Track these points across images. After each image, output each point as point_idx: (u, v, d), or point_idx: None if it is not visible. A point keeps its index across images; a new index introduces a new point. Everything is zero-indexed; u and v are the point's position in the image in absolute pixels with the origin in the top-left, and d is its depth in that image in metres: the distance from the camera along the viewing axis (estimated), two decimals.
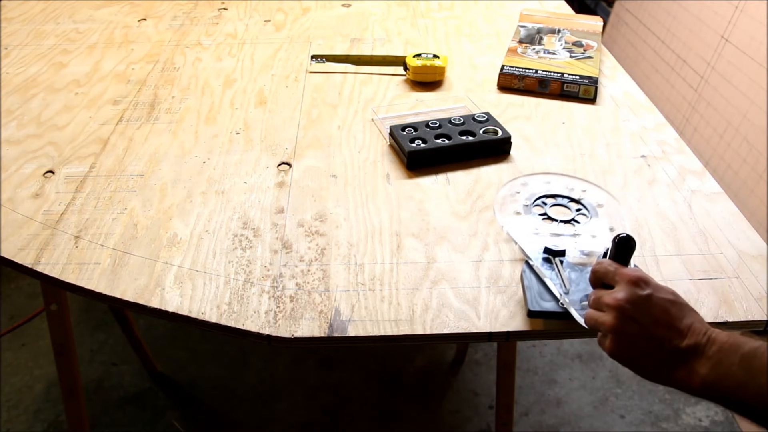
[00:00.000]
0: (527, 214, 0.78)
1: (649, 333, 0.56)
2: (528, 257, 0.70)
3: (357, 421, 1.49)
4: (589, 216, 0.77)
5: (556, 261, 0.69)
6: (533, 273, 0.69)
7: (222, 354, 1.66)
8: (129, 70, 1.18)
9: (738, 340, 0.53)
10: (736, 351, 0.52)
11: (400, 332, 0.66)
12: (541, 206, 0.79)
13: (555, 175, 0.85)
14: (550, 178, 0.84)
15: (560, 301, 0.65)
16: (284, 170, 0.91)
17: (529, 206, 0.79)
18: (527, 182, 0.84)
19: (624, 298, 0.57)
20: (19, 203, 0.85)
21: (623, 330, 0.57)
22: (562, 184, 0.84)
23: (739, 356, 0.52)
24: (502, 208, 0.79)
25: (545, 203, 0.80)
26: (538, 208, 0.79)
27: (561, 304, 0.65)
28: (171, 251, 0.76)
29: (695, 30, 1.81)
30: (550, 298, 0.66)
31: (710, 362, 0.53)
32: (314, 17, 1.42)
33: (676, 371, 0.55)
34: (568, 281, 0.66)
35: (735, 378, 0.51)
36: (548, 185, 0.83)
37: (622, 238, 0.61)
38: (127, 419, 1.49)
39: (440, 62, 1.12)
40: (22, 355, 1.64)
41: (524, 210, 0.78)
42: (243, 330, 0.67)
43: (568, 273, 0.67)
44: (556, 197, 0.81)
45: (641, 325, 0.56)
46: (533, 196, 0.81)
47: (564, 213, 0.78)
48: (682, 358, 0.55)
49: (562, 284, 0.66)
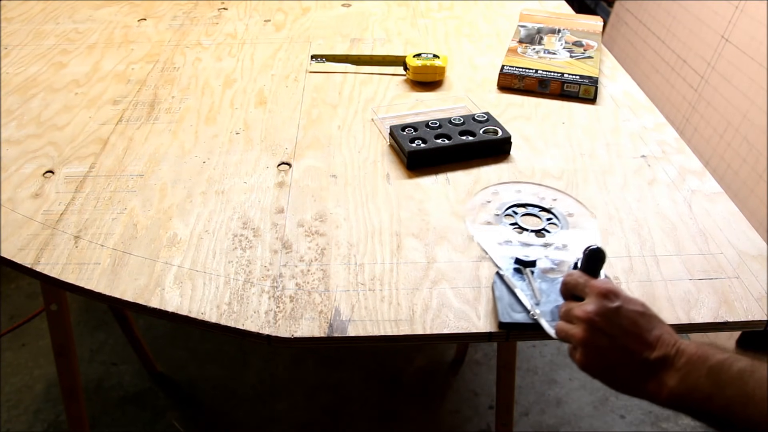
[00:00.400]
0: (498, 223, 0.77)
1: (619, 345, 0.56)
2: (499, 268, 0.70)
3: (357, 421, 1.49)
4: (560, 225, 0.77)
5: (527, 271, 0.68)
6: (504, 284, 0.68)
7: (222, 354, 1.66)
8: (129, 70, 1.18)
9: (706, 352, 0.53)
10: (704, 363, 0.52)
11: (400, 332, 0.66)
12: (512, 215, 0.79)
13: (526, 184, 0.84)
14: (521, 187, 0.84)
15: (531, 312, 0.65)
16: (284, 170, 0.91)
17: (500, 216, 0.78)
18: (498, 191, 0.83)
19: (593, 310, 0.57)
20: (19, 203, 0.85)
21: (593, 342, 0.57)
22: (532, 192, 0.83)
23: (706, 368, 0.52)
24: (473, 217, 0.78)
25: (516, 212, 0.79)
26: (509, 217, 0.79)
27: (532, 316, 0.64)
28: (171, 251, 0.76)
29: (695, 30, 1.81)
30: (521, 309, 0.65)
31: (679, 374, 0.53)
32: (314, 17, 1.42)
33: (646, 383, 0.55)
34: (539, 292, 0.66)
35: (702, 390, 0.51)
36: (519, 194, 0.83)
37: (593, 249, 0.61)
38: (127, 419, 1.49)
39: (440, 62, 1.12)
40: (22, 355, 1.64)
41: (495, 219, 0.78)
42: (243, 330, 0.67)
43: (539, 284, 0.67)
44: (527, 206, 0.80)
45: (611, 338, 0.56)
46: (504, 205, 0.80)
47: (535, 222, 0.78)
48: (651, 369, 0.55)
49: (532, 295, 0.66)
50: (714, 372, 0.51)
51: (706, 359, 0.52)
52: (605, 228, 0.79)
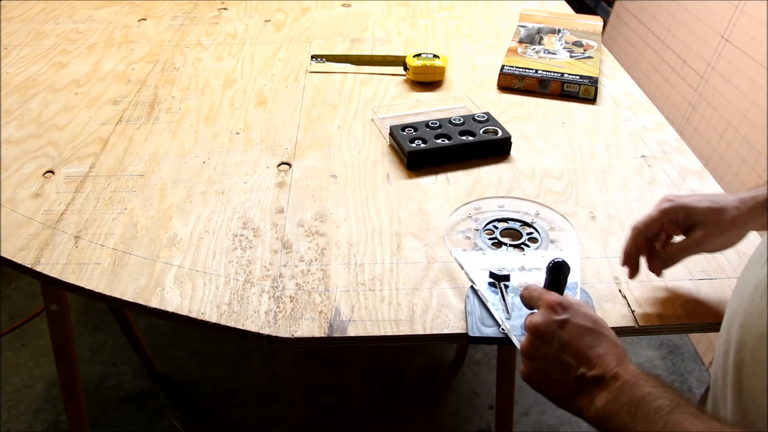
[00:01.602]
0: (477, 238, 0.76)
1: (559, 359, 0.55)
2: (472, 282, 0.69)
3: (357, 421, 1.49)
4: (540, 239, 0.76)
5: (501, 286, 0.68)
6: (477, 298, 0.68)
7: (222, 354, 1.66)
8: (129, 70, 1.18)
9: (638, 381, 0.50)
10: (631, 391, 0.50)
11: (400, 332, 0.66)
12: (492, 230, 0.78)
13: (509, 199, 0.84)
14: (504, 202, 0.83)
15: (501, 326, 0.64)
16: (284, 170, 0.91)
17: (480, 231, 0.77)
18: (480, 206, 0.82)
19: (538, 321, 0.56)
20: (19, 203, 0.85)
21: (534, 353, 0.56)
22: (515, 207, 0.82)
23: (630, 397, 0.50)
24: (451, 232, 0.77)
25: (496, 227, 0.78)
26: (489, 232, 0.77)
27: (501, 330, 0.64)
28: (171, 251, 0.76)
29: (695, 30, 1.81)
30: (492, 323, 0.65)
31: (608, 396, 0.51)
32: (314, 17, 1.42)
33: (578, 399, 0.53)
34: (511, 306, 0.66)
35: (620, 418, 0.50)
36: (501, 209, 0.81)
37: (556, 262, 0.60)
38: (127, 419, 1.49)
39: (440, 62, 1.12)
40: (22, 355, 1.64)
41: (474, 234, 0.77)
42: (243, 330, 0.67)
43: (512, 298, 0.67)
44: (507, 221, 0.79)
45: (551, 350, 0.55)
46: (485, 219, 0.79)
47: (515, 237, 0.77)
48: (586, 387, 0.53)
49: (504, 309, 0.66)
50: (634, 403, 0.49)
51: (633, 388, 0.50)
52: (605, 228, 0.79)
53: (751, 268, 0.52)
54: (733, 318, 0.52)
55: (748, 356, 0.49)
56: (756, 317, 0.48)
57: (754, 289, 0.49)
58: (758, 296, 0.48)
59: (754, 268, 0.51)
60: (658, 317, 0.67)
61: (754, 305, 0.48)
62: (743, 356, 0.49)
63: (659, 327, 0.67)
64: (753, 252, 0.53)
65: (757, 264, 0.50)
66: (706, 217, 0.64)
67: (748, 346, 0.49)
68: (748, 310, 0.49)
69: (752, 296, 0.49)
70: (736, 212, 0.63)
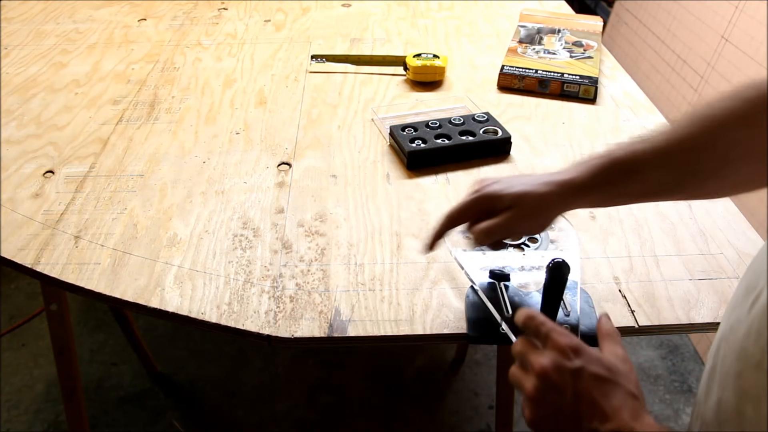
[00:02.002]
0: None
1: (571, 409, 0.51)
2: (472, 282, 0.69)
3: (357, 421, 1.49)
4: (540, 239, 0.76)
5: (501, 285, 0.68)
6: (477, 297, 0.68)
7: (222, 354, 1.66)
8: (129, 70, 1.18)
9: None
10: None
11: (400, 332, 0.66)
12: None
13: None
14: None
15: (500, 326, 0.64)
16: (284, 170, 0.91)
17: None
18: None
19: (549, 365, 0.52)
20: (19, 203, 0.85)
21: (542, 400, 0.52)
22: None
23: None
24: (451, 232, 0.77)
25: None
26: None
27: (501, 330, 0.64)
28: (171, 251, 0.76)
29: (695, 30, 1.81)
30: (491, 323, 0.65)
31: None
32: (314, 17, 1.42)
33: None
34: (511, 306, 0.66)
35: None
36: None
37: (556, 263, 0.59)
38: (127, 419, 1.49)
39: (440, 62, 1.12)
40: (22, 355, 1.64)
41: None
42: (243, 330, 0.67)
43: (512, 298, 0.67)
44: None
45: (563, 399, 0.51)
46: None
47: (515, 236, 0.77)
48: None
49: (504, 309, 0.66)
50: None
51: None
52: (605, 228, 0.79)
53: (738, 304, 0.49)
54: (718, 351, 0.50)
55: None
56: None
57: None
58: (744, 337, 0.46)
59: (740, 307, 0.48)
60: (658, 317, 0.67)
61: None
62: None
63: (659, 327, 0.67)
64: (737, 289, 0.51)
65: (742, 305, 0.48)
66: (512, 203, 0.63)
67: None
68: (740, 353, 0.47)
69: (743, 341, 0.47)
70: (543, 198, 0.63)
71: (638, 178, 0.61)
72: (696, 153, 0.59)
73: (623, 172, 0.61)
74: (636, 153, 0.61)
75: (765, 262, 0.45)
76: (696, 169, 0.59)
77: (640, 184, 0.61)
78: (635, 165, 0.61)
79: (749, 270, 0.48)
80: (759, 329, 0.43)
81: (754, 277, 0.46)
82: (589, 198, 0.64)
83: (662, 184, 0.61)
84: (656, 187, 0.61)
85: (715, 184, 0.60)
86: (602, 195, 0.64)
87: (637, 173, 0.61)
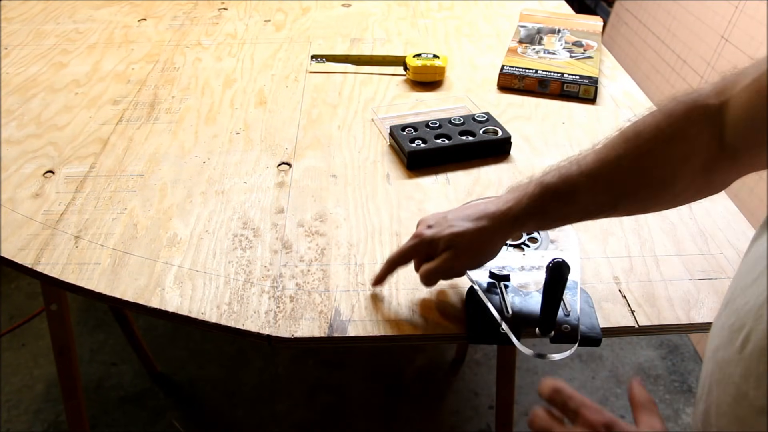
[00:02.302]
0: None
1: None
2: (472, 281, 0.69)
3: (357, 421, 1.49)
4: (540, 239, 0.76)
5: (501, 286, 0.68)
6: (477, 297, 0.68)
7: (222, 354, 1.66)
8: (129, 70, 1.18)
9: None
10: None
11: (400, 332, 0.66)
12: None
13: None
14: None
15: (501, 326, 0.64)
16: (284, 170, 0.91)
17: None
18: None
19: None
20: (19, 203, 0.85)
21: None
22: None
23: None
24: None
25: None
26: None
27: (501, 330, 0.64)
28: (171, 251, 0.76)
29: (695, 30, 1.81)
30: (491, 323, 0.65)
31: None
32: (314, 17, 1.42)
33: None
34: (511, 306, 0.66)
35: None
36: None
37: (556, 263, 0.59)
38: (127, 419, 1.49)
39: (440, 62, 1.12)
40: (22, 355, 1.64)
41: None
42: (243, 330, 0.67)
43: (512, 298, 0.67)
44: None
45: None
46: None
47: (515, 237, 0.76)
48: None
49: (504, 309, 0.65)
50: None
51: None
52: (605, 228, 0.79)
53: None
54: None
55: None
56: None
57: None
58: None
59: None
60: (658, 317, 0.67)
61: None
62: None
63: (659, 327, 0.67)
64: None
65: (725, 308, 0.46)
66: (447, 245, 0.65)
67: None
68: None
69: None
70: (477, 235, 0.64)
71: (572, 200, 0.61)
72: (623, 174, 0.59)
73: (555, 198, 0.61)
74: (567, 177, 0.61)
75: (748, 300, 0.43)
76: (627, 190, 0.59)
77: (576, 206, 0.61)
78: (567, 189, 0.61)
79: (729, 306, 0.46)
80: (758, 374, 0.40)
81: (739, 314, 0.44)
82: (527, 226, 0.65)
83: (599, 204, 0.61)
84: (593, 207, 0.61)
85: (653, 201, 0.61)
86: (539, 222, 0.65)
87: (569, 197, 0.61)
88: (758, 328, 0.41)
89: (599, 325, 0.65)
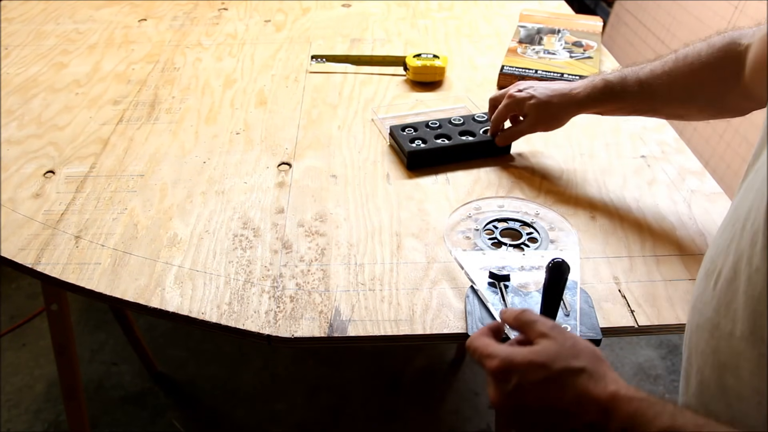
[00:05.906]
0: (477, 238, 0.76)
1: (541, 425, 0.50)
2: (472, 282, 0.69)
3: (357, 421, 1.49)
4: (540, 239, 0.76)
5: (501, 285, 0.68)
6: (477, 298, 0.68)
7: (222, 354, 1.66)
8: (129, 71, 1.18)
9: (645, 414, 0.45)
10: (647, 427, 0.44)
11: (400, 332, 0.66)
12: (492, 230, 0.77)
13: (509, 199, 0.83)
14: (504, 202, 0.82)
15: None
16: (284, 170, 0.91)
17: (480, 230, 0.77)
18: (480, 206, 0.81)
19: (495, 398, 0.51)
20: (19, 203, 0.85)
21: (523, 421, 0.51)
22: (515, 207, 0.81)
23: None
24: (451, 232, 0.77)
25: (496, 227, 0.78)
26: (489, 232, 0.77)
27: None
28: (171, 251, 0.77)
29: (695, 30, 1.81)
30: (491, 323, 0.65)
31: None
32: (314, 17, 1.42)
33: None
34: (511, 306, 0.65)
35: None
36: (501, 209, 0.81)
37: (556, 263, 0.59)
38: (127, 419, 1.50)
39: (440, 62, 1.12)
40: (22, 355, 1.64)
41: (474, 234, 0.76)
42: (243, 330, 0.67)
43: (512, 298, 0.67)
44: (507, 221, 0.79)
45: (535, 417, 0.49)
46: (485, 220, 0.79)
47: (515, 237, 0.77)
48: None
49: (504, 309, 0.65)
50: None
51: (646, 424, 0.44)
52: (605, 228, 0.79)
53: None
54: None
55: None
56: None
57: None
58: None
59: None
60: (657, 317, 0.67)
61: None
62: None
63: (659, 327, 0.67)
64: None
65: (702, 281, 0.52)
66: (532, 110, 0.85)
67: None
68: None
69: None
70: (560, 106, 0.84)
71: (623, 99, 0.79)
72: (664, 86, 0.75)
73: (612, 96, 0.79)
74: (625, 81, 0.78)
75: (719, 245, 0.49)
76: (667, 98, 0.76)
77: (626, 104, 0.79)
78: (621, 90, 0.78)
79: (705, 258, 0.52)
80: (727, 302, 0.45)
81: (713, 259, 0.50)
82: (586, 110, 0.83)
83: (645, 107, 0.79)
84: (641, 107, 0.79)
85: (683, 111, 0.78)
86: (596, 109, 0.83)
87: (622, 97, 0.79)
88: (726, 263, 0.46)
89: (599, 325, 0.65)
